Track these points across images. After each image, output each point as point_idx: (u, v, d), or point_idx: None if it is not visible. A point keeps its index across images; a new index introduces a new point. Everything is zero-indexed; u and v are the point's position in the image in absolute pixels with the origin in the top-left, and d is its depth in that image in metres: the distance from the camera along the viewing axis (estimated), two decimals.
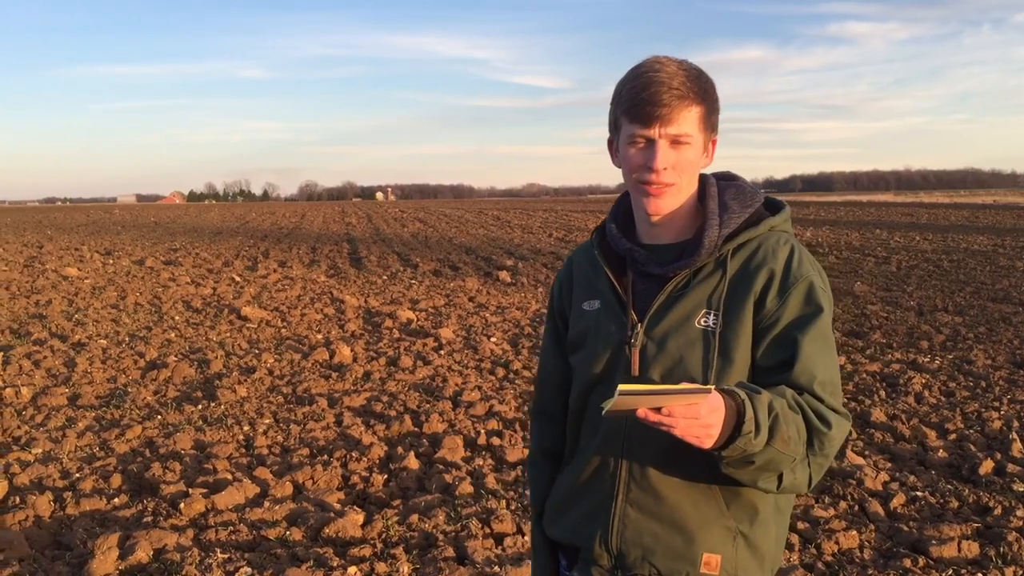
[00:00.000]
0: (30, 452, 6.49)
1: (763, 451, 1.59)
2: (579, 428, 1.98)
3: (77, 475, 5.98)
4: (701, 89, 1.78)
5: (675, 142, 1.77)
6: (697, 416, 1.49)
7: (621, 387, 1.44)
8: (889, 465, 5.99)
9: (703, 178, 1.92)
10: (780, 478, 1.68)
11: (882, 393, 7.82)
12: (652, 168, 1.77)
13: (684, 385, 1.50)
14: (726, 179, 1.96)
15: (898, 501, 5.30)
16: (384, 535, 4.96)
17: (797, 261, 1.80)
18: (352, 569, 4.45)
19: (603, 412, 1.52)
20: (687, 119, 1.76)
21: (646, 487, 1.82)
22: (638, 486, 1.83)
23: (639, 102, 1.75)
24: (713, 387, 1.50)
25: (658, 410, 1.48)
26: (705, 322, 1.79)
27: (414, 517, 5.14)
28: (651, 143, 1.77)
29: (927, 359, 9.15)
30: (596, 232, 2.02)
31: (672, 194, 1.82)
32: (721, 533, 1.81)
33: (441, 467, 6.05)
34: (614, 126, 1.87)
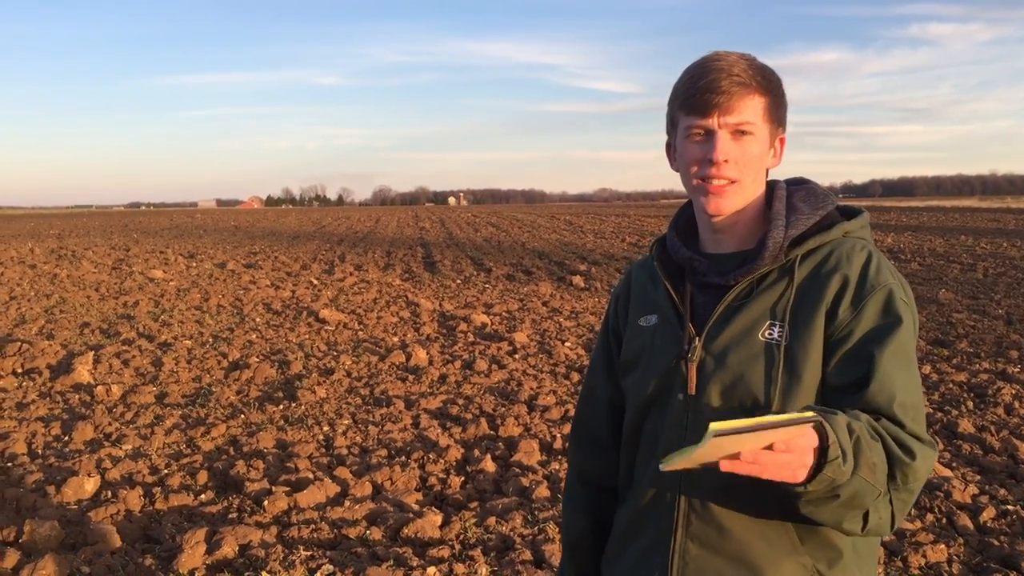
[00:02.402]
0: (120, 448, 6.72)
1: (849, 481, 1.39)
2: (634, 455, 1.80)
3: (165, 471, 6.17)
4: (765, 79, 1.64)
5: (737, 132, 1.62)
6: (792, 451, 1.31)
7: (714, 426, 1.23)
8: (978, 478, 5.81)
9: (771, 182, 1.76)
10: (865, 517, 1.47)
11: (970, 403, 7.58)
12: (712, 160, 1.62)
13: (785, 416, 1.29)
14: (797, 183, 1.79)
15: (988, 515, 5.14)
16: (462, 536, 5.00)
17: (875, 268, 1.61)
18: (431, 569, 4.50)
19: (662, 465, 1.38)
20: (749, 107, 1.62)
21: (708, 519, 1.64)
22: (699, 518, 1.64)
23: (696, 91, 1.62)
24: (815, 414, 1.31)
25: (737, 455, 1.30)
26: (770, 334, 1.61)
27: (491, 519, 5.17)
28: (710, 134, 1.63)
29: (1017, 369, 8.84)
30: (656, 243, 1.86)
31: (734, 192, 1.65)
32: (795, 571, 1.60)
33: (517, 470, 6.08)
34: (671, 124, 1.73)
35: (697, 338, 1.67)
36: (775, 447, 1.29)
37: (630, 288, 1.91)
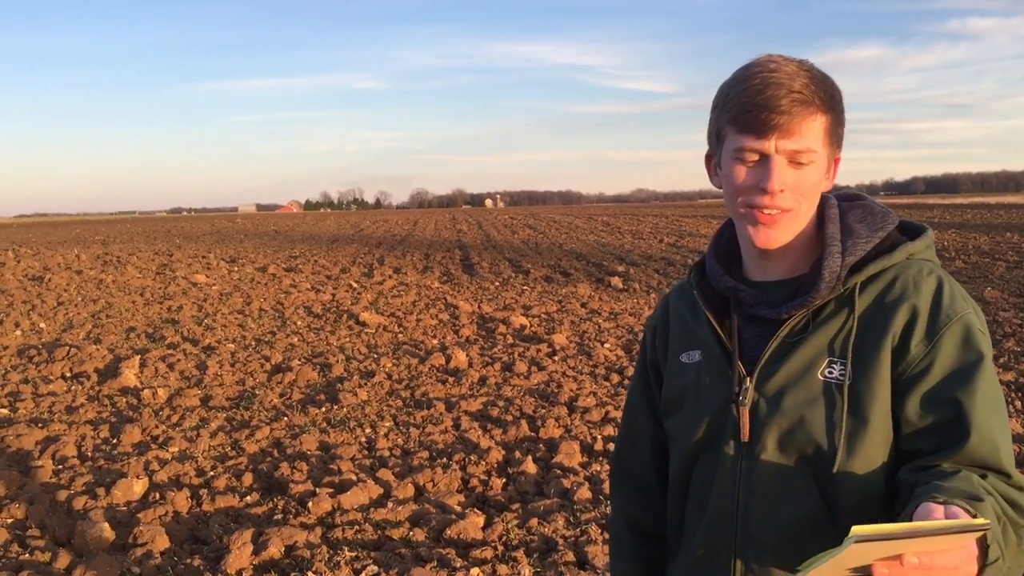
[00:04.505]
0: (167, 450, 6.83)
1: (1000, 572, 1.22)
2: (682, 506, 1.65)
3: (211, 473, 6.27)
4: (827, 95, 1.45)
5: (794, 160, 1.43)
6: (956, 567, 1.08)
7: (857, 530, 1.02)
8: None
9: (822, 198, 1.56)
10: None
11: (1017, 404, 7.46)
12: (766, 189, 1.44)
13: (952, 521, 1.07)
14: (849, 199, 1.61)
15: None
16: (504, 538, 5.03)
17: (949, 295, 1.43)
18: (475, 571, 4.53)
19: (797, 572, 1.11)
20: (811, 131, 1.43)
21: None
22: None
23: (752, 107, 1.42)
24: (988, 521, 1.08)
25: (897, 558, 1.06)
26: (830, 373, 1.45)
27: (533, 521, 5.19)
28: (765, 159, 1.44)
29: None
30: (695, 269, 1.67)
31: (788, 222, 1.48)
32: None
33: (559, 472, 6.09)
34: (716, 137, 1.53)
35: (748, 378, 1.51)
36: (916, 553, 1.06)
37: (668, 318, 1.73)
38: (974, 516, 1.13)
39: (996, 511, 1.24)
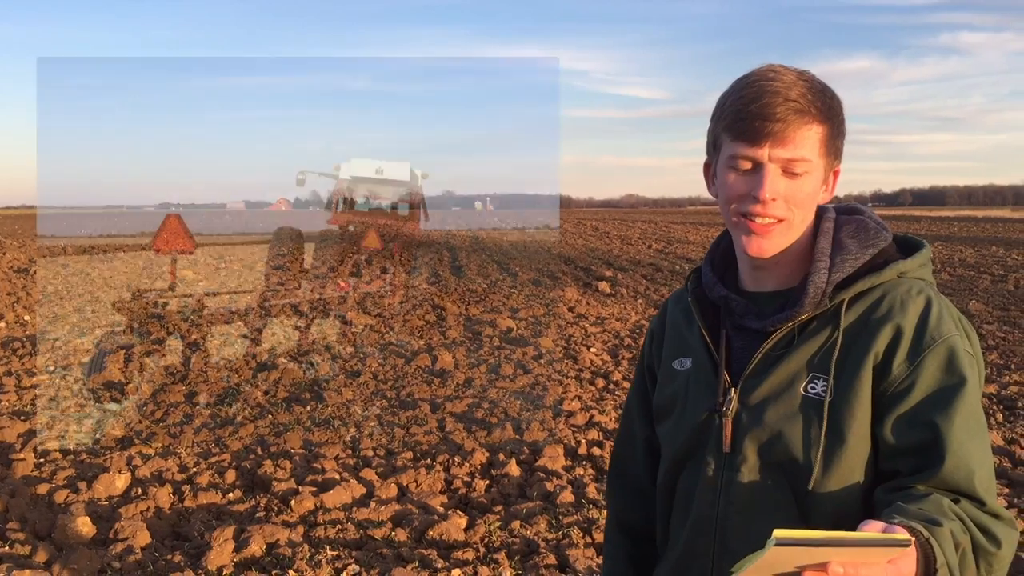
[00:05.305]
0: (151, 446, 6.81)
1: None
2: (669, 512, 1.67)
3: (194, 469, 6.25)
4: (825, 105, 1.44)
5: (788, 169, 1.43)
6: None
7: (778, 533, 1.03)
8: (1007, 491, 5.77)
9: (819, 210, 1.56)
10: None
11: (999, 416, 7.52)
12: (758, 198, 1.43)
13: (871, 533, 1.09)
14: (848, 212, 1.59)
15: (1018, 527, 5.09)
16: (487, 540, 5.03)
17: (936, 317, 1.43)
18: (456, 572, 4.53)
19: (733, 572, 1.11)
20: (805, 140, 1.42)
21: None
22: None
23: (746, 115, 1.42)
24: (912, 539, 1.09)
25: (823, 566, 1.06)
26: (812, 389, 1.45)
27: (516, 523, 5.20)
28: (758, 167, 1.43)
29: None
30: (691, 276, 1.68)
31: (781, 232, 1.47)
32: None
33: (542, 475, 6.09)
34: (713, 146, 1.53)
35: (733, 389, 1.52)
36: (840, 564, 1.06)
37: (665, 324, 1.75)
38: (927, 539, 1.15)
39: (956, 538, 1.23)
